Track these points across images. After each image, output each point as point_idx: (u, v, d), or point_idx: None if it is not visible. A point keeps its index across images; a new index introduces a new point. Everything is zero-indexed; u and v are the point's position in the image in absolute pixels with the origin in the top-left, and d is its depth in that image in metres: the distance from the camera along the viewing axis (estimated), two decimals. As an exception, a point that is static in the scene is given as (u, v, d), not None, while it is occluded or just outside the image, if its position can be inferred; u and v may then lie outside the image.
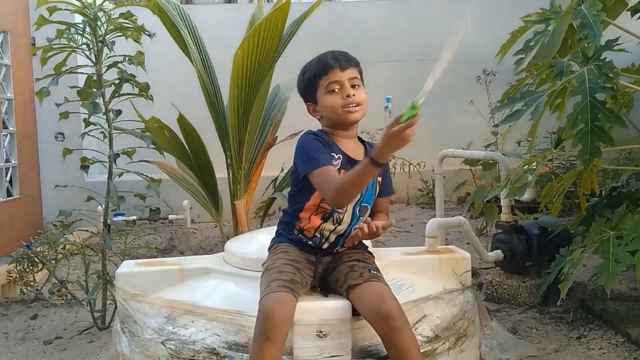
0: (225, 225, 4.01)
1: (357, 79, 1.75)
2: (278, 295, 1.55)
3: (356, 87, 1.74)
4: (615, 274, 1.89)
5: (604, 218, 2.16)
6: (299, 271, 1.69)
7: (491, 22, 5.59)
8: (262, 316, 1.52)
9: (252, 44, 3.18)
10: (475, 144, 4.61)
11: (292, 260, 1.71)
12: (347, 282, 1.68)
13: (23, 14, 4.72)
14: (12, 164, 4.50)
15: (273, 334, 1.50)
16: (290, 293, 1.58)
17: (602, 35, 1.99)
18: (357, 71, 1.76)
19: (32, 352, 2.45)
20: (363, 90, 1.77)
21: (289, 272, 1.66)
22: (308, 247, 1.78)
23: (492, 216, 2.99)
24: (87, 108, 2.51)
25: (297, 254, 1.75)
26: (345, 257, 1.77)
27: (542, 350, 2.24)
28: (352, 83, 1.73)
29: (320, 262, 1.76)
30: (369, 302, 1.60)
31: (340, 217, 1.76)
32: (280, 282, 1.60)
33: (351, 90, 1.72)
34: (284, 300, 1.55)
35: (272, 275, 1.65)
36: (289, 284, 1.60)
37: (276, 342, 1.51)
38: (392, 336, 1.56)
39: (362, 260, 1.77)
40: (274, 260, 1.72)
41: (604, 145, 1.89)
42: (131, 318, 1.92)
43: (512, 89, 2.34)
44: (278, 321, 1.50)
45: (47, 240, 2.83)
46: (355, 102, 1.73)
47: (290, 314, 1.55)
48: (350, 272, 1.70)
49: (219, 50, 3.84)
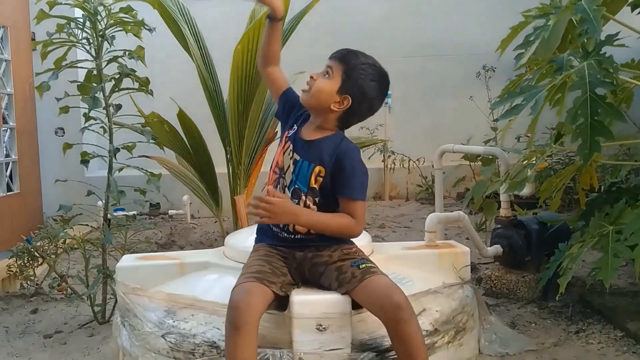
0: (225, 221, 4.01)
1: (332, 70, 1.75)
2: (244, 286, 1.58)
3: (326, 75, 1.75)
4: (614, 269, 1.90)
5: (603, 213, 2.16)
6: (269, 263, 1.70)
7: (491, 17, 5.60)
8: (229, 307, 1.54)
9: (252, 38, 3.18)
10: (475, 140, 4.62)
11: (262, 255, 1.74)
12: (342, 287, 1.66)
13: (23, 9, 4.72)
14: (12, 159, 4.51)
15: (240, 322, 1.50)
16: (256, 282, 1.59)
17: (602, 30, 1.98)
18: (339, 66, 1.74)
19: (32, 346, 2.46)
20: (327, 83, 1.73)
21: (256, 264, 1.69)
22: (280, 240, 1.78)
23: (492, 211, 3.00)
24: (87, 103, 2.51)
25: (267, 249, 1.77)
26: (326, 257, 1.74)
27: (541, 345, 2.25)
28: (326, 70, 1.76)
29: (292, 255, 1.76)
30: (376, 297, 1.59)
31: (283, 185, 1.78)
32: (246, 275, 1.63)
33: (317, 74, 1.77)
34: (250, 288, 1.57)
35: (242, 271, 1.68)
36: (255, 274, 1.62)
37: (246, 331, 1.51)
38: (399, 327, 1.55)
39: (345, 258, 1.73)
40: (247, 261, 1.76)
41: (603, 140, 1.89)
42: (131, 312, 1.93)
43: (512, 84, 2.34)
44: (244, 309, 1.51)
45: (47, 235, 2.84)
46: (309, 84, 1.76)
47: (258, 301, 1.56)
48: (341, 275, 1.68)
49: (219, 45, 3.84)
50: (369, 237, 2.09)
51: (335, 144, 1.77)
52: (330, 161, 1.73)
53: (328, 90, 1.73)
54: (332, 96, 1.73)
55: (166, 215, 5.18)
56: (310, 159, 1.74)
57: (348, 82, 1.73)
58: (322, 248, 1.76)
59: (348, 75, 1.73)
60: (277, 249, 1.78)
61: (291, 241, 1.77)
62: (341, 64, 1.74)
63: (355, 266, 1.69)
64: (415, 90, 5.94)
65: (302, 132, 1.81)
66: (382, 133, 5.60)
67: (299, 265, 1.76)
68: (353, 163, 1.74)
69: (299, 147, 1.78)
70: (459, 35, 5.94)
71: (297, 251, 1.76)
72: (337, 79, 1.73)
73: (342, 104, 1.74)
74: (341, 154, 1.74)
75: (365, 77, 1.73)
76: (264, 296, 1.59)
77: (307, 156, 1.75)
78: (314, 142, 1.77)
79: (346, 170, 1.73)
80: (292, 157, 1.77)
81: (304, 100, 1.78)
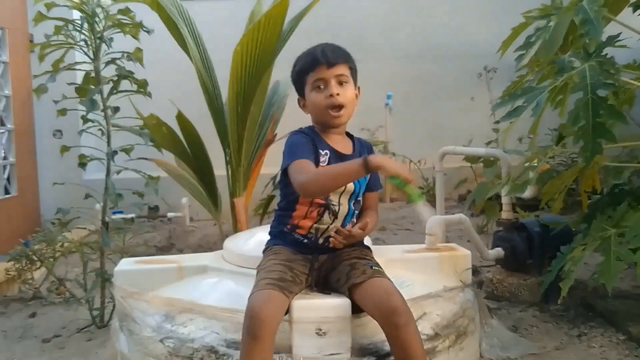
0: (224, 223, 3.99)
1: (345, 76, 1.74)
2: (265, 293, 1.54)
3: (343, 84, 1.74)
4: (616, 272, 1.89)
5: (606, 216, 2.15)
6: (291, 270, 1.68)
7: (492, 18, 5.60)
8: (248, 314, 1.50)
9: (251, 40, 3.17)
10: (476, 141, 4.61)
11: (284, 260, 1.71)
12: (349, 281, 1.66)
13: (21, 11, 4.71)
14: (10, 162, 4.49)
15: (260, 332, 1.48)
16: (278, 291, 1.57)
17: (603, 32, 1.98)
18: (346, 67, 1.75)
19: (30, 350, 2.44)
20: (351, 88, 1.75)
21: (279, 270, 1.65)
22: (302, 246, 1.77)
23: (493, 214, 2.98)
24: (85, 105, 2.50)
25: (289, 254, 1.74)
26: (345, 256, 1.76)
27: (543, 349, 2.23)
28: (339, 80, 1.73)
29: (316, 260, 1.75)
30: (375, 298, 1.59)
31: (336, 210, 1.76)
32: (268, 281, 1.59)
33: (335, 89, 1.72)
34: (271, 298, 1.54)
35: (260, 275, 1.65)
36: (278, 282, 1.59)
37: (264, 341, 1.49)
38: (397, 332, 1.54)
39: (362, 257, 1.76)
40: (265, 261, 1.73)
41: (605, 142, 1.88)
42: (130, 316, 1.92)
43: (514, 86, 2.32)
44: (264, 319, 1.49)
45: (45, 238, 2.82)
46: (338, 102, 1.72)
47: (278, 312, 1.54)
48: (353, 271, 1.69)
49: (218, 46, 3.83)
50: (369, 239, 2.07)
51: (363, 147, 1.86)
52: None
53: (353, 94, 1.77)
54: (354, 97, 1.78)
55: (165, 218, 5.16)
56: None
57: (355, 74, 1.79)
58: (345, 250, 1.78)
59: (352, 69, 1.78)
60: (300, 254, 1.76)
61: (320, 248, 1.77)
62: (349, 64, 1.77)
63: (367, 265, 1.71)
64: (416, 91, 5.93)
65: (336, 148, 1.78)
66: (382, 134, 5.59)
67: (319, 269, 1.76)
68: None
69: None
70: (460, 36, 5.93)
71: (321, 255, 1.76)
72: (350, 79, 1.77)
73: (358, 96, 1.80)
74: (370, 153, 1.83)
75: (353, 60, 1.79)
76: (283, 306, 1.57)
77: None
78: (354, 154, 1.80)
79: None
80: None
81: (345, 119, 1.77)
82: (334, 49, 1.76)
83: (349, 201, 1.77)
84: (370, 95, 5.59)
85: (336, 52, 1.75)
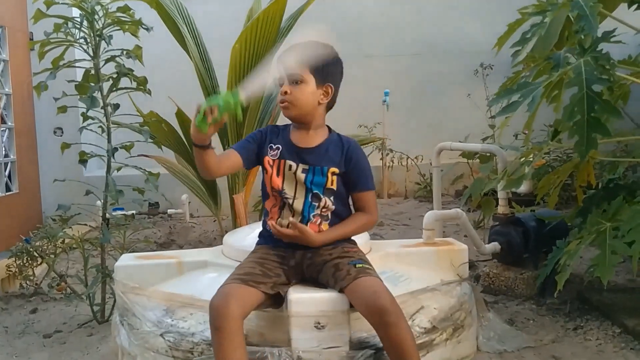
0: (224, 219, 4.01)
1: (299, 76, 1.75)
2: (225, 288, 1.61)
3: (297, 83, 1.75)
4: (611, 266, 1.90)
5: (601, 210, 2.16)
6: (261, 265, 1.72)
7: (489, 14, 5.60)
8: (209, 309, 1.56)
9: (249, 37, 3.18)
10: (473, 137, 4.62)
11: (257, 258, 1.76)
12: (337, 285, 1.68)
13: (21, 8, 4.71)
14: (11, 159, 4.50)
15: (220, 323, 1.53)
16: (239, 283, 1.61)
17: (598, 27, 1.99)
18: (303, 69, 1.75)
19: (31, 346, 2.46)
20: (305, 89, 1.76)
21: (247, 267, 1.71)
22: (277, 242, 1.79)
23: (490, 209, 3.00)
24: (85, 102, 2.51)
25: (264, 252, 1.79)
26: (326, 256, 1.76)
27: (539, 342, 2.25)
28: (292, 80, 1.76)
29: (292, 256, 1.77)
30: (363, 298, 1.60)
31: (290, 203, 1.78)
32: (232, 277, 1.65)
33: (286, 88, 1.76)
34: (228, 291, 1.59)
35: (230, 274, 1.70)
36: (242, 276, 1.65)
37: (227, 332, 1.53)
38: (387, 330, 1.56)
39: (344, 256, 1.75)
40: (242, 262, 1.78)
41: (600, 137, 1.90)
42: (130, 311, 1.93)
43: (509, 81, 2.34)
44: (220, 311, 1.53)
45: (46, 235, 2.84)
46: (285, 99, 1.76)
47: (239, 303, 1.57)
48: (337, 272, 1.70)
49: (217, 43, 3.84)
50: (367, 235, 2.09)
51: (337, 144, 1.82)
52: (341, 160, 1.79)
53: (306, 95, 1.76)
54: (315, 95, 1.78)
55: (165, 215, 5.18)
56: (322, 162, 1.78)
57: (322, 74, 1.77)
58: (324, 247, 1.78)
59: (317, 69, 1.76)
60: (276, 249, 1.79)
61: (291, 244, 1.78)
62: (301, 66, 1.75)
63: (351, 265, 1.71)
64: (413, 87, 5.94)
65: (295, 142, 1.82)
66: (380, 131, 5.60)
67: (298, 264, 1.77)
68: (360, 157, 1.82)
69: (302, 157, 1.79)
70: (456, 32, 5.94)
71: (297, 250, 1.78)
72: (308, 80, 1.76)
73: (328, 93, 1.79)
74: (349, 152, 1.81)
75: (325, 57, 1.77)
76: (248, 297, 1.61)
77: (317, 161, 1.78)
78: (318, 147, 1.81)
79: (356, 165, 1.80)
80: (295, 170, 1.78)
81: (292, 114, 1.78)
82: (298, 50, 1.77)
83: (305, 194, 1.78)
84: (368, 93, 5.63)
85: (293, 55, 1.76)
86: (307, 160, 1.78)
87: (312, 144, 1.81)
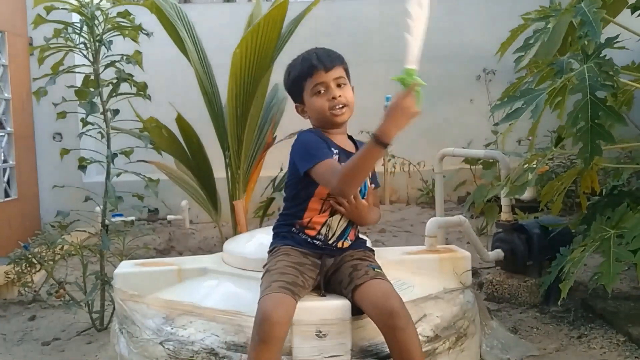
0: (224, 226, 3.99)
1: (343, 78, 1.76)
2: (278, 297, 1.53)
3: (342, 86, 1.76)
4: (616, 273, 1.88)
5: (605, 217, 2.14)
6: (302, 274, 1.67)
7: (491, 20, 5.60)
8: (260, 317, 1.49)
9: (250, 43, 3.17)
10: (476, 143, 4.61)
11: (295, 263, 1.69)
12: (352, 282, 1.67)
13: (21, 14, 4.71)
14: (10, 165, 4.49)
15: (270, 336, 1.48)
16: (290, 295, 1.56)
17: (602, 33, 1.98)
18: (342, 69, 1.77)
19: (30, 353, 2.44)
20: (349, 88, 1.78)
21: (291, 274, 1.64)
22: (312, 247, 1.76)
23: (493, 215, 2.98)
24: (84, 108, 2.50)
25: (299, 257, 1.73)
26: (347, 257, 1.77)
27: (543, 350, 2.23)
28: (337, 82, 1.75)
29: (324, 264, 1.75)
30: (374, 299, 1.59)
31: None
32: (281, 284, 1.58)
33: (337, 92, 1.74)
34: (283, 302, 1.53)
35: (273, 276, 1.63)
36: (290, 286, 1.59)
37: (274, 345, 1.48)
38: (395, 334, 1.54)
39: (364, 259, 1.77)
40: (275, 262, 1.70)
41: (604, 143, 1.88)
42: (129, 319, 1.92)
43: (512, 87, 2.33)
44: (276, 323, 1.48)
45: (44, 241, 2.81)
46: (342, 103, 1.75)
47: (289, 317, 1.53)
48: (355, 272, 1.70)
49: (217, 49, 3.83)
50: (369, 242, 2.07)
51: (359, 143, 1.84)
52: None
53: (351, 93, 1.79)
54: (353, 97, 1.80)
55: (165, 221, 5.16)
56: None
57: (349, 75, 1.82)
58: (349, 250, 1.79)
59: (347, 71, 1.80)
60: (309, 257, 1.75)
61: (328, 249, 1.77)
62: (344, 65, 1.79)
63: (370, 267, 1.71)
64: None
65: (343, 146, 1.80)
66: (381, 137, 5.57)
67: (327, 271, 1.76)
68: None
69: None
70: (459, 38, 5.93)
71: (329, 258, 1.76)
72: (347, 80, 1.79)
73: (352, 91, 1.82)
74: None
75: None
76: (293, 310, 1.57)
77: None
78: (356, 148, 1.82)
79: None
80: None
81: (348, 116, 1.78)
82: (328, 53, 1.78)
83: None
84: (370, 98, 5.60)
85: (331, 56, 1.77)
86: None
87: (353, 149, 1.82)
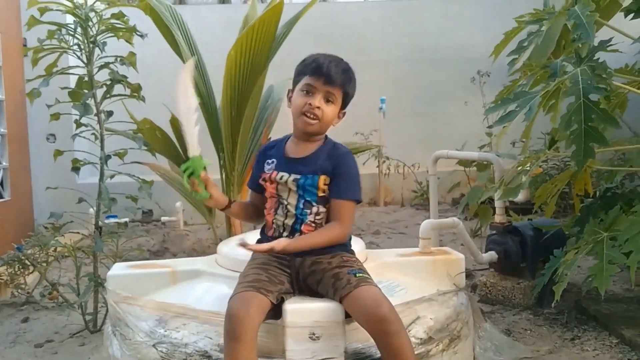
0: (218, 227, 3.99)
1: (334, 97, 1.75)
2: (240, 295, 1.57)
3: (328, 102, 1.75)
4: (609, 275, 1.89)
5: (598, 219, 2.15)
6: (266, 271, 1.69)
7: (486, 22, 5.62)
8: (227, 316, 1.53)
9: (245, 44, 3.17)
10: (470, 145, 4.61)
11: (259, 264, 1.73)
12: (337, 294, 1.65)
13: (14, 15, 4.70)
14: (3, 166, 4.47)
15: (239, 333, 1.50)
16: (253, 291, 1.58)
17: (595, 36, 1.98)
18: (339, 90, 1.76)
19: (23, 355, 2.43)
20: (334, 110, 1.77)
21: (253, 273, 1.68)
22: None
23: (487, 217, 2.99)
24: (78, 109, 2.49)
25: (265, 258, 1.75)
26: (325, 265, 1.73)
27: (537, 352, 2.24)
28: (327, 97, 1.75)
29: (292, 262, 1.74)
30: (363, 308, 1.57)
31: (285, 204, 1.77)
32: (243, 285, 1.62)
33: (318, 102, 1.74)
34: (246, 298, 1.56)
35: (238, 281, 1.67)
36: (253, 283, 1.62)
37: (244, 341, 1.49)
38: (387, 340, 1.54)
39: (343, 265, 1.72)
40: (244, 269, 1.75)
41: (597, 146, 1.89)
42: (122, 321, 1.91)
43: (506, 90, 2.33)
44: (242, 319, 1.50)
45: (38, 243, 2.81)
46: (315, 115, 1.74)
47: (256, 311, 1.54)
48: (337, 282, 1.67)
49: (212, 50, 3.83)
50: (362, 243, 2.07)
51: (329, 150, 1.80)
52: (329, 167, 1.76)
53: (333, 115, 1.78)
54: (334, 118, 1.79)
55: (159, 223, 5.15)
56: (313, 171, 1.76)
57: (347, 99, 1.80)
58: (322, 254, 1.75)
59: (346, 94, 1.79)
60: (276, 256, 1.75)
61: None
62: (343, 89, 1.77)
63: (351, 274, 1.68)
64: (410, 95, 5.95)
65: (288, 153, 1.82)
66: (376, 138, 5.60)
67: (297, 273, 1.75)
68: (347, 163, 1.78)
69: (294, 167, 1.78)
70: (453, 40, 5.96)
71: (296, 257, 1.75)
72: (338, 102, 1.78)
73: (339, 119, 1.82)
74: (337, 157, 1.78)
75: (354, 87, 1.82)
76: (262, 305, 1.58)
77: (307, 170, 1.76)
78: (310, 156, 1.79)
79: (342, 171, 1.77)
80: (286, 180, 1.76)
81: (315, 129, 1.77)
82: (341, 70, 1.76)
83: (297, 200, 1.76)
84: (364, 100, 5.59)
85: (338, 74, 1.75)
86: (299, 170, 1.77)
87: (304, 154, 1.80)
